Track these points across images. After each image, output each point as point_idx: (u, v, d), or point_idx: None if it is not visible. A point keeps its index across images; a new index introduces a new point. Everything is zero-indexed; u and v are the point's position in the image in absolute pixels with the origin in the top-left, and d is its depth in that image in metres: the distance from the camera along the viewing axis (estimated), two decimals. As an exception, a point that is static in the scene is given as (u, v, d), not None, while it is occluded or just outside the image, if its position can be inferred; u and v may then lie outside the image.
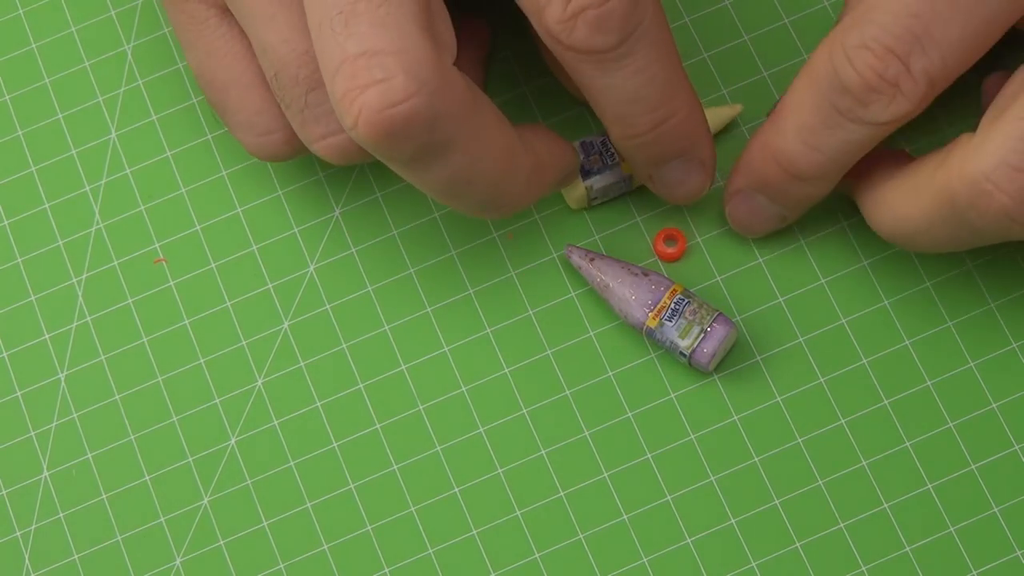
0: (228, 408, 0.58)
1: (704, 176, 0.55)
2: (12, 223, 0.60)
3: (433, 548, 0.56)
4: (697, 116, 0.53)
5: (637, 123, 0.52)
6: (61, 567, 0.56)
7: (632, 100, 0.52)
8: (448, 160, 0.49)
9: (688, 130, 0.53)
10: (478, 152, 0.50)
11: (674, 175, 0.55)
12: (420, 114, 0.47)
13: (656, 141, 0.53)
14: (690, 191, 0.56)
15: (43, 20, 0.63)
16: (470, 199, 0.51)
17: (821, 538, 0.55)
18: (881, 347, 0.57)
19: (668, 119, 0.52)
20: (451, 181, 0.50)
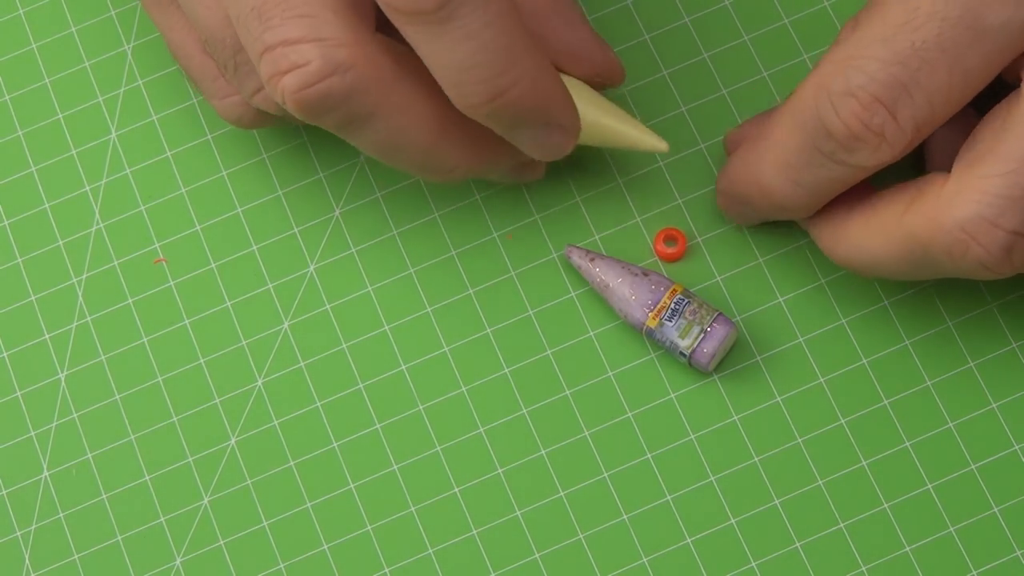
0: (228, 408, 0.58)
1: (565, 137, 0.53)
2: (12, 223, 0.60)
3: (433, 548, 0.56)
4: (544, 86, 0.51)
5: (473, 93, 0.50)
6: (61, 567, 0.56)
7: (464, 68, 0.49)
8: (372, 128, 0.51)
9: (534, 101, 0.51)
10: (402, 122, 0.51)
11: (530, 139, 0.53)
12: (336, 92, 0.50)
13: (497, 113, 0.51)
14: (552, 153, 0.54)
15: (43, 20, 0.63)
16: (404, 163, 0.53)
17: (821, 538, 0.55)
18: (881, 347, 0.57)
19: (508, 90, 0.50)
20: (380, 146, 0.52)
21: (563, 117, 0.52)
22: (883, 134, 0.49)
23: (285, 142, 0.61)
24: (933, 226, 0.49)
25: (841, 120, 0.50)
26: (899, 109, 0.49)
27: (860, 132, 0.49)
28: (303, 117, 0.51)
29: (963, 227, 0.49)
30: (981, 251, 0.49)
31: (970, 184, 0.49)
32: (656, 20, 0.61)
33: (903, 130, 0.49)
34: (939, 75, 0.49)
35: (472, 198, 0.59)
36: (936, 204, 0.49)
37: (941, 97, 0.49)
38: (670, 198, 0.59)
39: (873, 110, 0.49)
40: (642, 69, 0.60)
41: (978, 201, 0.49)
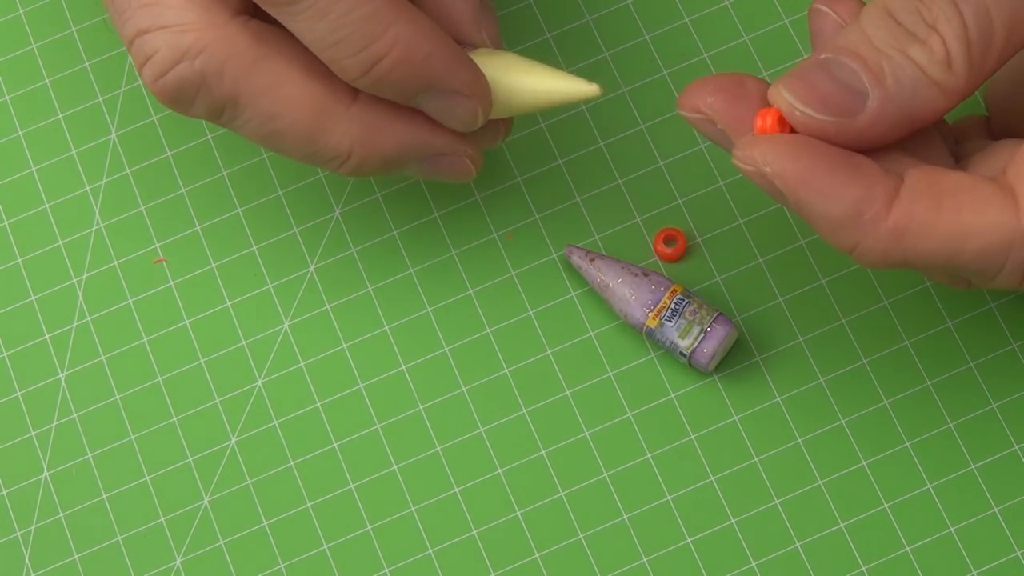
0: (228, 408, 0.58)
1: (470, 104, 0.51)
2: (12, 223, 0.60)
3: (433, 548, 0.56)
4: (422, 50, 0.49)
5: (347, 68, 0.49)
6: (61, 567, 0.56)
7: (329, 44, 0.49)
8: (244, 117, 0.51)
9: (414, 67, 0.50)
10: (270, 108, 0.51)
11: (434, 107, 0.52)
12: (187, 80, 0.50)
13: (379, 82, 0.50)
14: (461, 121, 0.52)
15: (43, 20, 0.63)
16: (291, 152, 0.52)
17: (821, 538, 0.55)
18: (881, 347, 0.57)
19: (380, 59, 0.49)
20: (258, 135, 0.51)
21: (456, 81, 0.51)
22: None
23: (285, 142, 0.61)
24: (1000, 245, 0.47)
25: (1022, 283, 0.48)
26: None
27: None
28: (173, 109, 0.51)
29: None
30: (1018, 282, 0.48)
31: None
32: (656, 20, 0.61)
33: None
34: None
35: (472, 198, 0.59)
36: (1010, 222, 0.47)
37: None
38: (670, 198, 0.59)
39: None
40: (642, 69, 0.60)
41: None
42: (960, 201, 0.47)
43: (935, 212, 0.47)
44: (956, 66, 0.48)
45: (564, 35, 0.61)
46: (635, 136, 0.60)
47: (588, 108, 0.60)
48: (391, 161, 0.53)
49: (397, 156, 0.53)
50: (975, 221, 0.47)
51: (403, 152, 0.52)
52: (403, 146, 0.52)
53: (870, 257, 0.48)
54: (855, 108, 0.48)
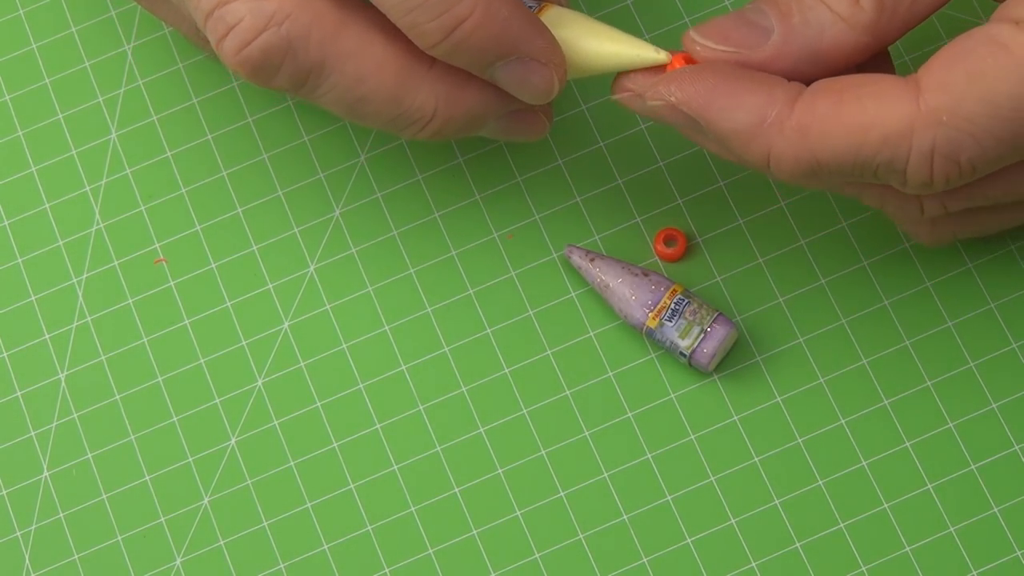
0: (228, 408, 0.58)
1: (546, 72, 0.51)
2: (12, 223, 0.60)
3: (433, 548, 0.56)
4: (502, 15, 0.49)
5: (427, 33, 0.49)
6: (61, 567, 0.56)
7: (409, 10, 0.49)
8: (329, 83, 0.50)
9: (492, 32, 0.49)
10: (357, 69, 0.50)
11: (510, 76, 0.51)
12: (274, 46, 0.49)
13: (458, 48, 0.49)
14: (536, 90, 0.52)
15: (43, 20, 0.63)
16: (375, 118, 0.51)
17: (821, 538, 0.55)
18: (881, 347, 0.57)
19: (460, 23, 0.49)
20: (343, 102, 0.51)
21: (533, 47, 0.51)
22: (952, 187, 0.49)
23: (285, 142, 0.61)
24: (901, 128, 0.47)
25: (932, 175, 0.48)
26: (979, 175, 0.48)
27: (938, 186, 0.48)
28: (255, 83, 0.50)
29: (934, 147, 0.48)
30: (926, 173, 0.48)
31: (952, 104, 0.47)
32: (656, 20, 0.61)
33: (965, 182, 0.49)
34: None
35: (472, 198, 0.59)
36: (911, 108, 0.47)
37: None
38: (670, 198, 0.59)
39: (964, 175, 0.48)
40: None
41: (952, 126, 0.47)
42: (861, 93, 0.48)
43: (836, 104, 0.48)
44: (863, 1, 0.48)
45: (564, 35, 0.61)
46: (635, 136, 0.60)
47: (588, 108, 0.60)
48: (473, 119, 0.52)
49: (480, 113, 0.52)
50: (875, 108, 0.47)
51: (486, 108, 0.52)
52: (486, 102, 0.52)
53: (784, 165, 0.48)
54: (757, 41, 0.49)
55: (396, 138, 0.60)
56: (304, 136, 0.61)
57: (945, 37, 0.59)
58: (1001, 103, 0.47)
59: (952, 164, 0.47)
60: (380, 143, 0.60)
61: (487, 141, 0.60)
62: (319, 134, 0.61)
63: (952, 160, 0.47)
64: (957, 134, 0.47)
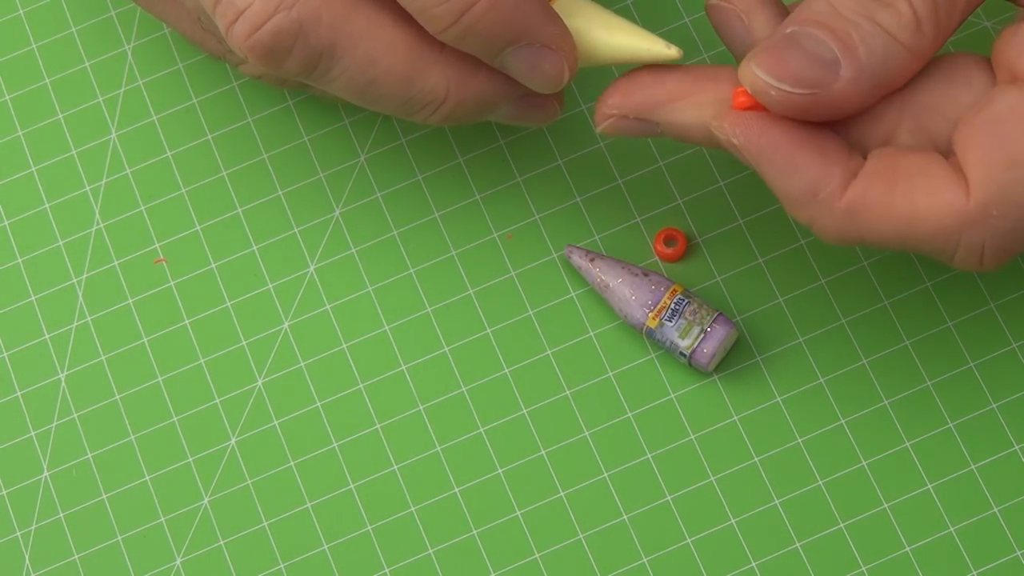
0: (228, 408, 0.58)
1: (557, 59, 0.51)
2: (12, 223, 0.60)
3: (433, 548, 0.56)
4: (508, 0, 0.49)
5: (437, 16, 0.49)
6: (61, 567, 0.56)
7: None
8: (341, 65, 0.50)
9: (503, 15, 0.49)
10: (369, 51, 0.50)
11: (520, 63, 0.51)
12: (285, 30, 0.49)
13: (467, 33, 0.49)
14: (546, 78, 0.51)
15: (43, 20, 0.63)
16: (387, 100, 0.51)
17: (821, 538, 0.55)
18: (881, 347, 0.57)
19: (469, 7, 0.49)
20: (355, 85, 0.51)
21: (544, 33, 0.50)
22: (999, 266, 0.49)
23: (285, 142, 0.61)
24: (951, 226, 0.48)
25: (982, 264, 0.48)
26: None
27: (988, 271, 0.49)
28: (267, 67, 0.50)
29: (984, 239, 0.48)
30: (976, 263, 0.49)
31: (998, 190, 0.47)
32: (656, 20, 0.61)
33: None
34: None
35: (472, 198, 0.59)
36: (960, 204, 0.47)
37: None
38: (670, 198, 0.59)
39: (1012, 257, 0.49)
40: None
41: (1000, 225, 0.48)
42: (914, 184, 0.48)
43: (889, 194, 0.48)
44: (925, 27, 0.48)
45: (564, 35, 0.61)
46: (635, 136, 0.60)
47: (588, 108, 0.60)
48: (485, 102, 0.52)
49: (491, 96, 0.52)
50: (927, 204, 0.47)
51: (497, 91, 0.52)
52: (497, 85, 0.52)
53: (826, 233, 0.49)
54: (828, 79, 0.48)
55: (396, 138, 0.60)
56: (304, 136, 0.61)
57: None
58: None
59: (1002, 253, 0.48)
60: (380, 143, 0.60)
61: (487, 141, 0.60)
62: (319, 134, 0.61)
63: (1003, 251, 0.48)
64: (1008, 224, 0.47)
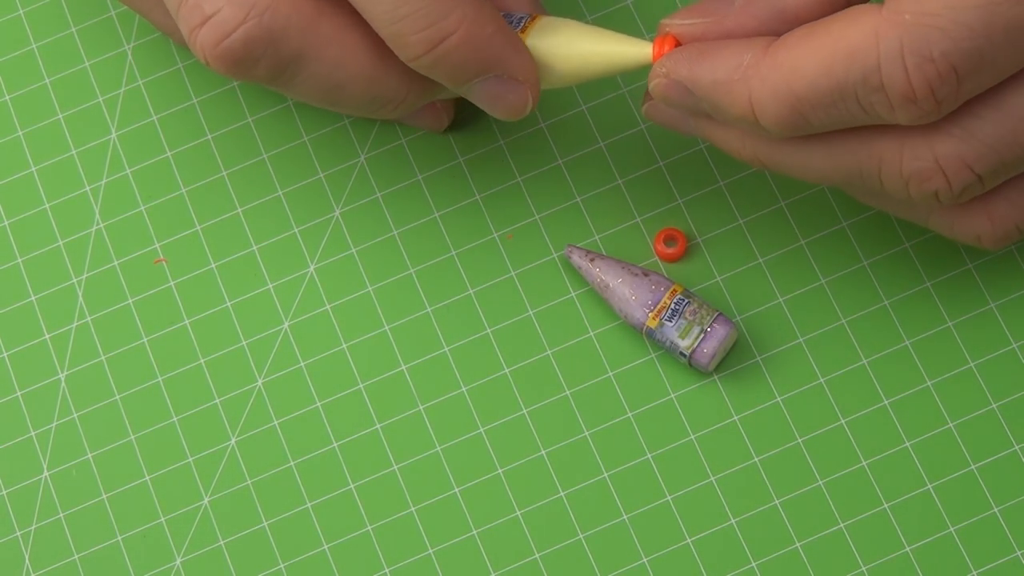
0: (228, 408, 0.58)
1: (520, 90, 0.51)
2: (12, 223, 0.60)
3: (433, 548, 0.56)
4: (485, 33, 0.50)
5: (410, 45, 0.49)
6: (61, 567, 0.56)
7: (396, 19, 0.49)
8: (308, 71, 0.50)
9: (475, 49, 0.50)
10: (336, 58, 0.50)
11: (486, 92, 0.51)
12: (255, 38, 0.49)
13: (439, 62, 0.50)
14: (510, 108, 0.52)
15: (43, 20, 0.63)
16: (351, 101, 0.51)
17: (821, 538, 0.55)
18: (881, 347, 0.57)
19: (444, 38, 0.49)
20: (321, 88, 0.51)
21: (513, 65, 0.51)
22: (942, 103, 0.46)
23: (285, 142, 0.61)
24: (900, 148, 0.47)
25: (911, 82, 0.45)
26: (966, 82, 0.46)
27: (923, 98, 0.46)
28: (231, 75, 0.50)
29: (938, 159, 0.47)
30: (943, 184, 0.48)
31: (957, 121, 0.46)
32: (656, 20, 0.61)
33: (957, 101, 0.46)
34: (1018, 58, 0.46)
35: (472, 198, 0.59)
36: (874, 17, 0.46)
37: (1005, 77, 0.46)
38: (670, 198, 0.59)
39: (946, 80, 0.45)
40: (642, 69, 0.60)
41: (963, 141, 0.47)
42: (830, 20, 0.47)
43: (806, 36, 0.47)
44: None
45: (564, 35, 0.61)
46: (635, 136, 0.60)
47: (588, 108, 0.60)
48: (436, 93, 0.53)
49: (441, 89, 0.53)
50: (840, 28, 0.47)
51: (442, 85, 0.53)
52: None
53: (767, 108, 0.48)
54: (721, 8, 0.50)
55: (396, 138, 0.60)
56: (304, 136, 0.61)
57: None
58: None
59: (927, 62, 0.45)
60: (380, 143, 0.60)
61: (487, 141, 0.60)
62: (319, 134, 0.61)
63: (925, 58, 0.45)
64: (923, 29, 0.45)
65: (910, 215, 0.52)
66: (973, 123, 0.47)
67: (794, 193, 0.58)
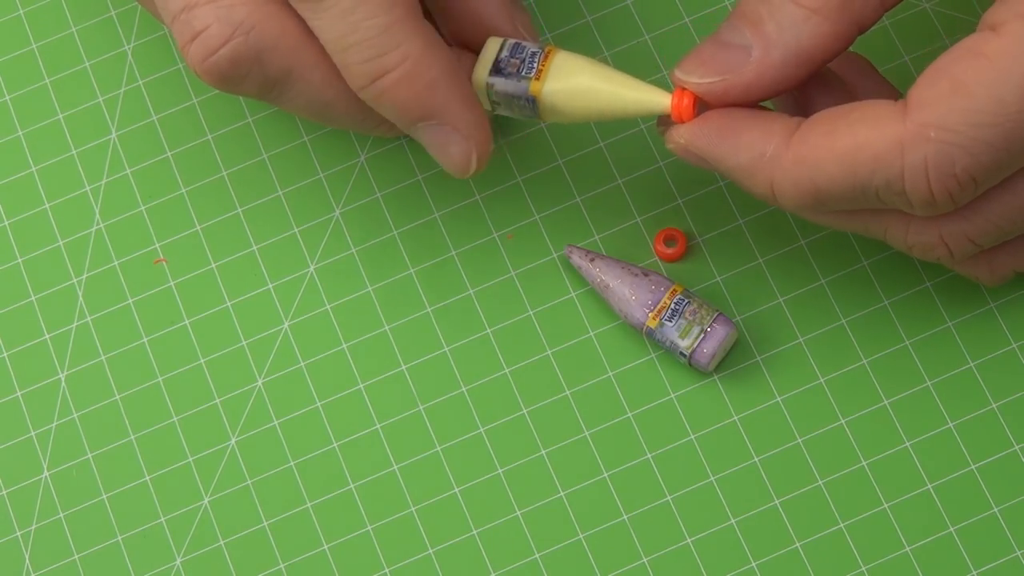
0: (228, 408, 0.58)
1: (464, 146, 0.51)
2: (12, 223, 0.60)
3: (433, 548, 0.56)
4: (429, 76, 0.49)
5: (354, 73, 0.49)
6: (61, 567, 0.56)
7: (343, 47, 0.49)
8: (295, 90, 0.51)
9: (415, 90, 0.50)
10: (323, 79, 0.51)
11: (430, 139, 0.51)
12: (242, 55, 0.49)
13: (380, 97, 0.50)
14: (453, 162, 0.52)
15: (43, 20, 0.63)
16: (341, 118, 0.52)
17: (821, 538, 0.55)
18: (881, 347, 0.57)
19: (386, 72, 0.49)
20: (311, 107, 0.51)
21: (456, 117, 0.51)
22: (959, 204, 0.48)
23: (285, 142, 0.61)
24: (907, 224, 0.49)
25: (932, 192, 0.47)
26: (983, 185, 0.48)
27: (943, 203, 0.48)
28: (221, 88, 0.50)
29: (943, 237, 0.49)
30: (945, 253, 0.49)
31: (934, 120, 0.47)
32: (656, 20, 0.61)
33: (974, 195, 0.48)
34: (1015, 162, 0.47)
35: (472, 198, 0.59)
36: (898, 127, 0.47)
37: (997, 176, 0.48)
38: (670, 198, 0.59)
39: (965, 188, 0.47)
40: (642, 69, 0.60)
41: (968, 220, 0.49)
42: (852, 119, 0.48)
43: (830, 133, 0.48)
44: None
45: (564, 35, 0.61)
46: (635, 136, 0.60)
47: (588, 108, 0.60)
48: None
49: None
50: (865, 132, 0.48)
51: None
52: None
53: (787, 194, 0.49)
54: (739, 62, 0.49)
55: (396, 138, 0.60)
56: (304, 136, 0.61)
57: (944, 36, 0.59)
58: (984, 109, 0.47)
59: (949, 177, 0.47)
60: (380, 143, 0.60)
61: (487, 141, 0.60)
62: (319, 134, 0.61)
63: (948, 173, 0.47)
64: (947, 147, 0.47)
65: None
66: (981, 204, 0.49)
67: (794, 193, 0.59)
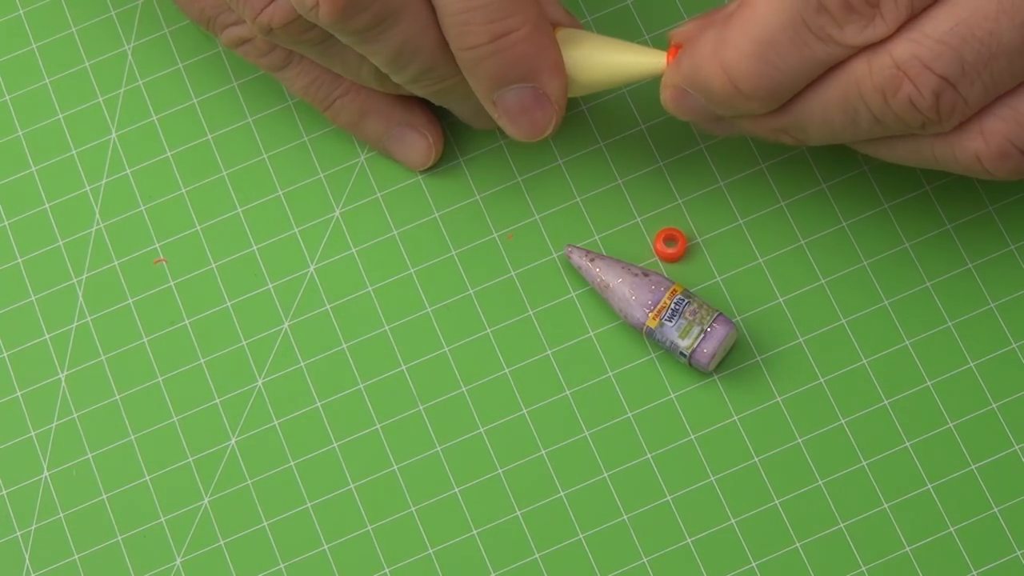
0: (228, 408, 0.58)
1: (550, 110, 0.54)
2: (12, 223, 0.60)
3: (433, 548, 0.56)
4: (541, 40, 0.53)
5: (475, 32, 0.52)
6: (61, 567, 0.56)
7: (471, 7, 0.52)
8: (397, 28, 0.53)
9: (530, 51, 0.53)
10: (425, 20, 0.53)
11: (517, 102, 0.54)
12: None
13: (494, 55, 0.53)
14: (534, 125, 0.55)
15: (43, 20, 0.63)
16: (412, 70, 0.54)
17: (821, 538, 0.55)
18: (881, 347, 0.57)
19: (508, 33, 0.52)
20: (399, 51, 0.53)
21: (551, 84, 0.54)
22: (879, 6, 0.48)
23: (285, 142, 0.61)
24: (868, 65, 0.49)
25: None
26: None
27: (856, 3, 0.48)
28: (333, 21, 0.52)
29: (898, 65, 0.48)
30: (912, 90, 0.49)
31: (911, 26, 0.48)
32: (656, 20, 0.61)
33: (898, 6, 0.48)
34: None
35: (472, 198, 0.59)
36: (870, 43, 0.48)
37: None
38: (670, 198, 0.59)
39: None
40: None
41: (916, 42, 0.48)
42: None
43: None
44: None
45: (564, 35, 0.61)
46: (635, 136, 0.60)
47: (588, 108, 0.60)
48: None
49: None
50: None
51: None
52: None
53: (738, 67, 0.51)
54: (716, 11, 0.53)
55: (396, 138, 0.60)
56: (304, 136, 0.61)
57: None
58: None
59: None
60: (380, 143, 0.60)
61: (487, 141, 0.60)
62: (319, 134, 0.61)
63: None
64: None
65: (919, 154, 0.52)
66: (923, 23, 0.49)
67: (794, 193, 0.58)
